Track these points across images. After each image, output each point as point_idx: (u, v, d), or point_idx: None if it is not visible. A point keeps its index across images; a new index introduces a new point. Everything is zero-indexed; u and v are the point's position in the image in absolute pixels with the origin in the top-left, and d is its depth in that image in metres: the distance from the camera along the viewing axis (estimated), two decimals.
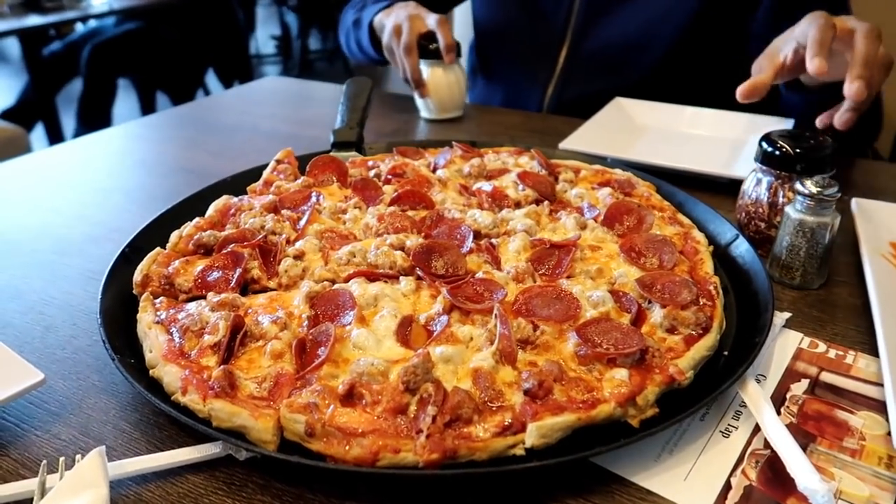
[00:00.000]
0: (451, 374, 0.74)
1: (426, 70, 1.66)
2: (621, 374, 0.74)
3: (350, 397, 0.71)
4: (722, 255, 1.05)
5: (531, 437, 0.67)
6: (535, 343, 0.79)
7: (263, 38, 7.54)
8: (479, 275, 0.90)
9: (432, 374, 0.73)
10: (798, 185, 0.97)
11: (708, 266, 0.95)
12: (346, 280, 0.90)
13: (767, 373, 0.84)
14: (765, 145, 1.04)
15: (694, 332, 0.82)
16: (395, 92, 1.97)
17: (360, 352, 0.77)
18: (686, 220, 1.09)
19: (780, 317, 0.91)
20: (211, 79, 5.38)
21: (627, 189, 1.19)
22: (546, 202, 1.11)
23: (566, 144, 1.40)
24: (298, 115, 1.80)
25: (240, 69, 5.43)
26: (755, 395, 0.76)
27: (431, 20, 1.63)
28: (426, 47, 1.63)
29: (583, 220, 1.04)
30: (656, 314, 0.84)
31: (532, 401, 0.70)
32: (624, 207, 1.07)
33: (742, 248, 1.03)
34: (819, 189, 0.95)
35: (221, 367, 0.73)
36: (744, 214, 1.10)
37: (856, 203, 1.04)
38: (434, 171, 1.25)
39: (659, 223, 1.08)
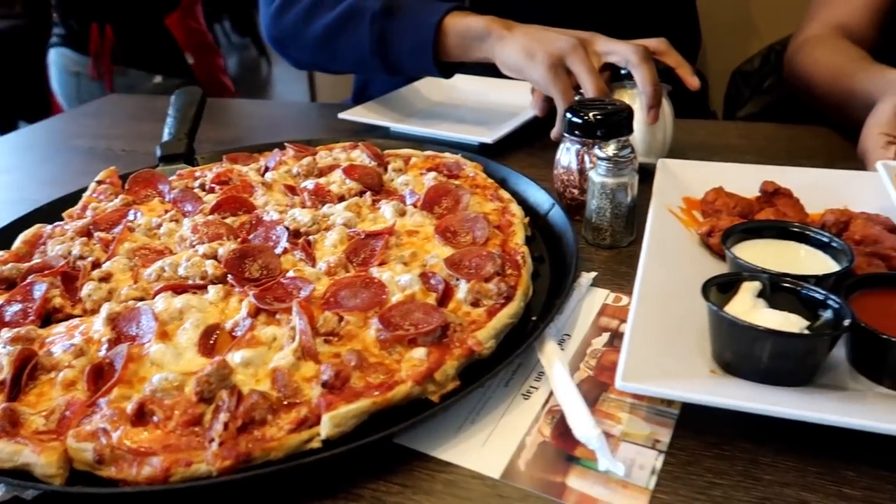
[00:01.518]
0: (251, 378, 0.73)
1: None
2: (420, 353, 0.75)
3: (141, 416, 0.69)
4: (543, 225, 1.09)
5: (325, 427, 0.67)
6: (340, 334, 0.79)
7: None
8: (291, 273, 0.90)
9: (230, 381, 0.72)
10: (596, 150, 1.02)
11: (519, 237, 0.98)
12: (154, 296, 0.88)
13: (573, 331, 0.87)
14: (569, 115, 1.08)
15: (497, 303, 0.84)
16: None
17: (157, 368, 0.75)
18: (506, 196, 1.12)
19: (587, 277, 0.95)
20: None
21: (455, 171, 1.21)
22: (369, 193, 1.11)
23: (346, 115, 1.47)
24: (138, 131, 1.73)
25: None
26: (550, 354, 0.79)
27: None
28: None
29: (402, 206, 1.05)
30: (462, 290, 0.86)
31: (330, 392, 0.71)
32: (442, 189, 1.08)
33: (557, 216, 1.07)
34: (615, 152, 1.00)
35: (2, 405, 0.69)
36: (559, 183, 1.14)
37: (660, 163, 1.10)
38: (265, 174, 1.23)
39: (480, 201, 1.10)
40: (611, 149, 0.99)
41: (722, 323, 0.67)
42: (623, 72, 1.22)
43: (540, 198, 1.13)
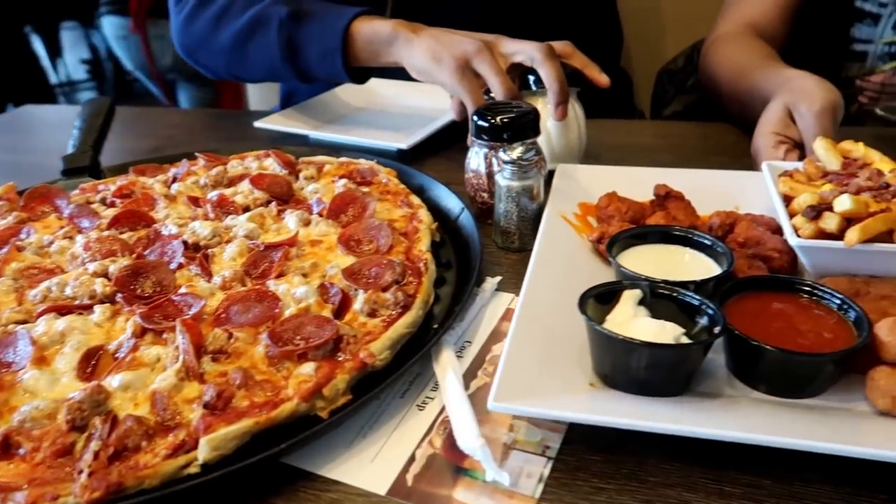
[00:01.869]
0: (129, 402, 0.70)
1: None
2: (308, 368, 0.73)
3: (7, 449, 0.65)
4: (454, 230, 1.08)
5: (202, 451, 0.65)
6: (228, 352, 0.77)
7: (74, 63, 6.99)
8: (183, 290, 0.87)
9: (105, 406, 0.69)
10: (501, 154, 1.01)
11: (423, 244, 0.97)
12: (37, 318, 0.84)
13: (475, 338, 0.86)
14: (475, 119, 1.07)
15: (394, 313, 0.83)
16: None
17: (31, 396, 0.72)
18: (416, 202, 1.10)
19: (491, 282, 0.95)
20: None
21: (368, 177, 1.19)
22: (274, 203, 1.09)
23: (262, 123, 1.45)
24: (48, 143, 1.67)
25: (43, 100, 5.01)
26: (444, 363, 0.78)
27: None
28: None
29: (307, 216, 1.03)
30: (359, 300, 0.84)
31: (211, 413, 0.68)
32: (349, 197, 1.06)
33: (466, 221, 1.06)
34: (519, 155, 0.99)
35: None
36: (470, 187, 1.13)
37: (559, 168, 1.10)
38: (171, 185, 1.19)
39: (389, 208, 1.09)
40: (515, 152, 0.99)
41: (597, 336, 0.67)
42: (532, 78, 1.22)
43: (452, 203, 1.12)
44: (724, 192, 1.01)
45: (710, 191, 1.02)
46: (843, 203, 0.73)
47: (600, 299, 0.72)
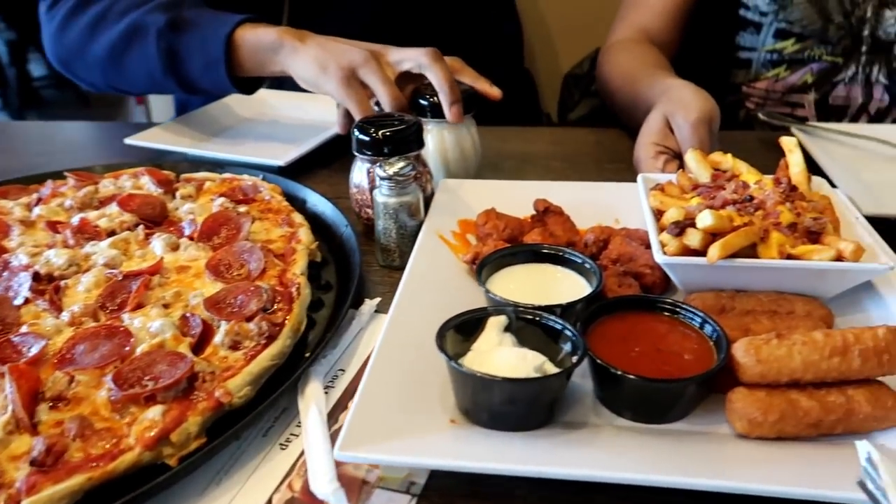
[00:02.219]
0: None
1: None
2: (155, 412, 0.68)
3: None
4: (338, 248, 1.03)
5: None
6: (68, 398, 0.70)
7: None
8: (24, 329, 0.79)
9: None
10: (377, 169, 0.97)
11: (298, 266, 0.92)
12: None
13: (349, 365, 0.82)
14: (356, 132, 1.03)
15: (258, 344, 0.78)
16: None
17: None
18: (298, 220, 1.05)
19: (370, 304, 0.91)
20: None
21: (251, 194, 1.14)
22: (142, 227, 1.02)
23: (133, 139, 1.36)
24: None
25: None
26: (308, 397, 0.74)
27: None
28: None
29: (175, 240, 0.97)
30: (220, 332, 0.79)
31: (39, 471, 0.62)
32: (222, 218, 1.01)
33: (349, 238, 1.02)
34: (395, 171, 0.95)
35: None
36: (355, 203, 1.09)
37: (442, 183, 1.07)
38: (34, 208, 1.10)
39: (268, 227, 1.03)
40: (392, 167, 0.95)
41: (453, 372, 0.64)
42: (425, 103, 1.17)
43: (338, 219, 1.08)
44: (607, 205, 1.00)
45: (592, 204, 1.01)
46: (705, 219, 0.72)
47: (464, 328, 0.69)
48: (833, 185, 1.06)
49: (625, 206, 0.96)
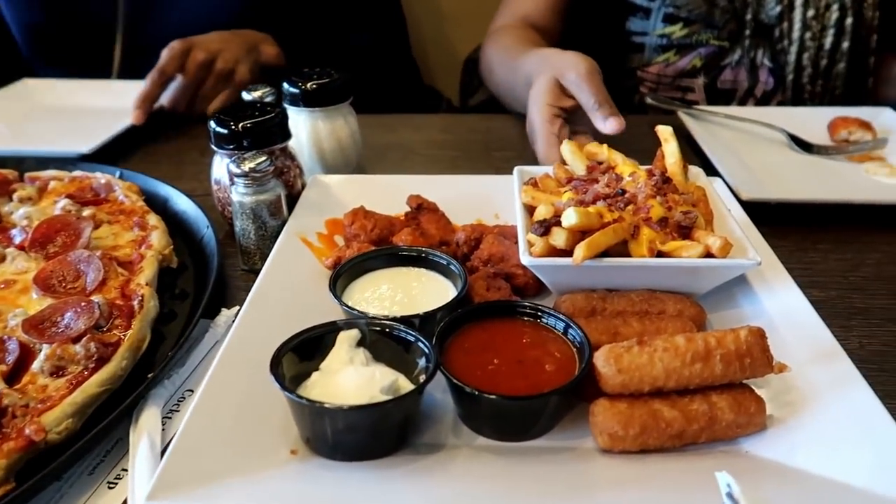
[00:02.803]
0: None
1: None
2: None
3: None
4: (199, 252, 0.95)
5: None
6: None
7: None
8: None
9: None
10: (231, 166, 0.89)
11: (145, 275, 0.83)
12: None
13: (200, 385, 0.74)
14: (213, 124, 0.94)
15: (86, 369, 0.69)
16: None
17: None
18: (153, 222, 0.95)
19: (227, 314, 0.82)
20: None
21: (103, 194, 1.03)
22: None
23: None
24: None
25: None
26: (142, 427, 0.66)
27: None
28: None
29: (1, 250, 0.86)
30: (41, 357, 0.69)
31: None
32: (59, 223, 0.90)
33: (209, 241, 0.93)
34: (251, 167, 0.87)
35: None
36: (217, 201, 1.00)
37: (311, 179, 1.00)
38: None
39: (118, 231, 0.93)
40: (247, 163, 0.87)
41: (287, 399, 0.57)
42: (295, 90, 1.08)
43: (200, 220, 0.99)
44: (488, 199, 0.96)
45: (473, 198, 0.96)
46: (570, 217, 0.68)
47: (310, 346, 0.62)
48: (716, 172, 1.05)
49: (505, 200, 0.91)
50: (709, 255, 0.71)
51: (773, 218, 0.98)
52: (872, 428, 0.59)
